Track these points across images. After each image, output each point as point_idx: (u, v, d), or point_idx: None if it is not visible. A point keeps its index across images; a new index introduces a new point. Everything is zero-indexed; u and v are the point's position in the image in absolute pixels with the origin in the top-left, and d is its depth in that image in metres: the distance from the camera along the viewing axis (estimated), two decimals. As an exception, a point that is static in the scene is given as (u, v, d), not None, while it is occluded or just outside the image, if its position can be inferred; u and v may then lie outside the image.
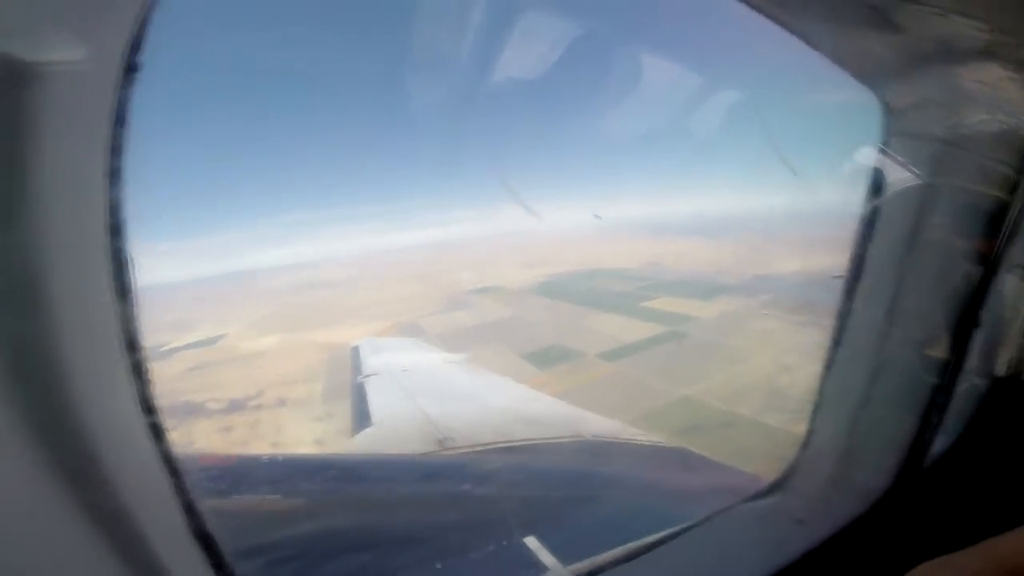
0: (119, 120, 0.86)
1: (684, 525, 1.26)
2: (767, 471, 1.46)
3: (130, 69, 0.85)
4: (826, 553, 1.24)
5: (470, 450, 2.87)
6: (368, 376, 5.86)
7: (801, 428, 1.43)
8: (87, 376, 0.80)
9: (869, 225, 1.31)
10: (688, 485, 2.12)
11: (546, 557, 1.39)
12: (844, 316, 1.37)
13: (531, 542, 1.43)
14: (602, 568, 1.17)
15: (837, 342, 1.39)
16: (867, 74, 1.22)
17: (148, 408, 0.89)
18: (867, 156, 1.27)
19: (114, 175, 0.88)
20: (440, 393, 4.94)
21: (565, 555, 1.33)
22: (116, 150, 0.87)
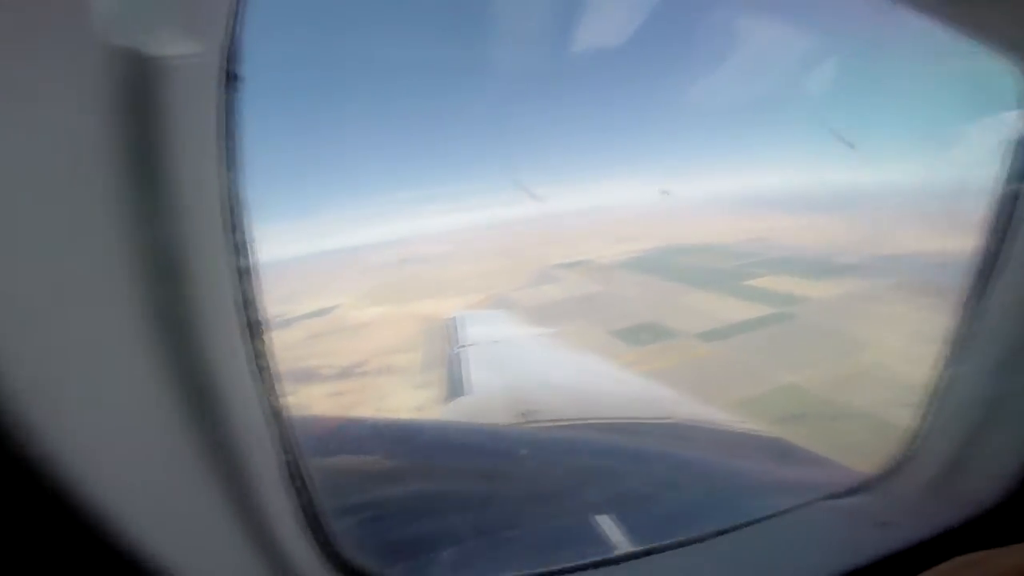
0: (230, 112, 0.96)
1: (753, 517, 1.23)
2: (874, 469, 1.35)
3: (233, 64, 0.94)
4: (906, 561, 1.12)
5: (552, 424, 2.90)
6: (462, 347, 6.11)
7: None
8: (211, 343, 0.94)
9: (1012, 203, 1.12)
10: (782, 477, 1.99)
11: (617, 536, 1.38)
12: (979, 304, 1.20)
13: (604, 520, 1.43)
14: (663, 549, 1.17)
15: (968, 332, 1.22)
16: (1014, 43, 1.04)
17: (263, 373, 1.03)
18: (1014, 130, 1.08)
19: (230, 164, 0.99)
20: (528, 366, 5.02)
21: (637, 536, 1.32)
22: (230, 141, 0.98)
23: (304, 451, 1.04)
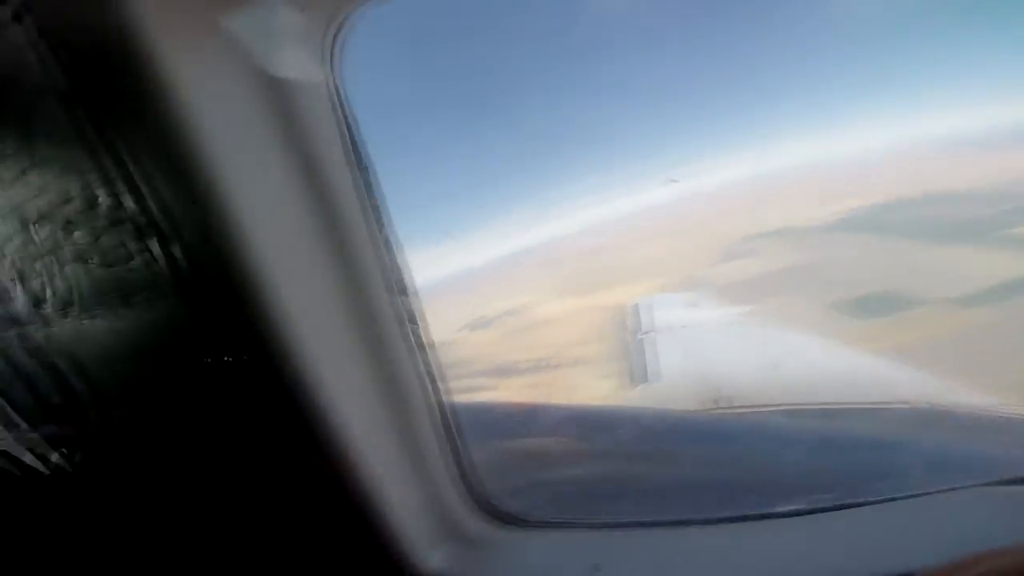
0: (352, 129, 1.13)
1: (912, 492, 1.19)
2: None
3: (345, 86, 1.09)
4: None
5: (750, 410, 2.69)
6: (646, 333, 6.02)
7: None
8: (384, 335, 1.16)
9: None
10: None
11: None
12: None
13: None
14: (808, 512, 1.20)
15: None
16: None
17: (420, 352, 1.25)
18: None
19: (367, 182, 1.17)
20: (720, 349, 4.72)
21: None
22: (360, 159, 1.16)
23: (459, 417, 1.23)
